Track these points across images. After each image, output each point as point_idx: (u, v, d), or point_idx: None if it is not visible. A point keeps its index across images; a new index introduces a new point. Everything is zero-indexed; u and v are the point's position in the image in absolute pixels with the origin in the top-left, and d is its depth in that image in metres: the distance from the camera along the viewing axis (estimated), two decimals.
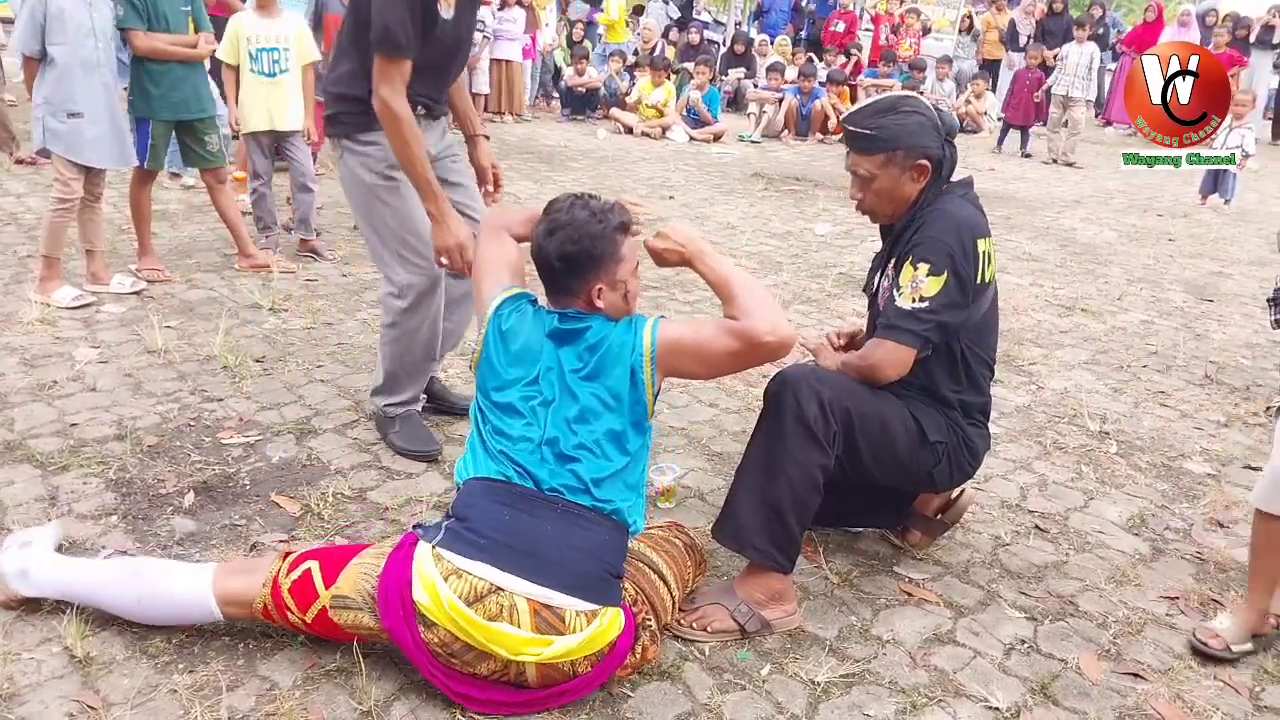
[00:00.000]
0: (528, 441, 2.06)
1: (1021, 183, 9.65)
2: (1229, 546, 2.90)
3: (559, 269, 2.12)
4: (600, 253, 2.10)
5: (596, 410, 2.08)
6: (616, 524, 2.05)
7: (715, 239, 6.30)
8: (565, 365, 2.11)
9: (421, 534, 2.00)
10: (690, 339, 2.13)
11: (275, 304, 4.35)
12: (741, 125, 11.83)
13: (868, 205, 2.43)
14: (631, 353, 2.09)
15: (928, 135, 2.32)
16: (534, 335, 2.14)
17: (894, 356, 2.29)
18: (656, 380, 2.11)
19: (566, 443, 2.05)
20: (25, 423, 3.08)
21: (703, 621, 2.28)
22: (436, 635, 1.90)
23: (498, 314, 2.19)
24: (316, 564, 2.03)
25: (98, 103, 4.08)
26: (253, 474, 2.89)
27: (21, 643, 2.08)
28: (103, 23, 4.09)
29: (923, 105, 2.37)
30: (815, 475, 2.24)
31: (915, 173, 2.34)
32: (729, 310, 2.15)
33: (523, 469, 2.04)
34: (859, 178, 2.39)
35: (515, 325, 2.16)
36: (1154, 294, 5.83)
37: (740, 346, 2.09)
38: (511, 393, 2.11)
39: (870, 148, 2.33)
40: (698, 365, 2.16)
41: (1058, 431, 3.67)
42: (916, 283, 2.27)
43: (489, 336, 2.18)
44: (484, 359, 2.18)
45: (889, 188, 2.36)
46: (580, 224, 2.09)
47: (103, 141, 4.13)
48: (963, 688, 2.18)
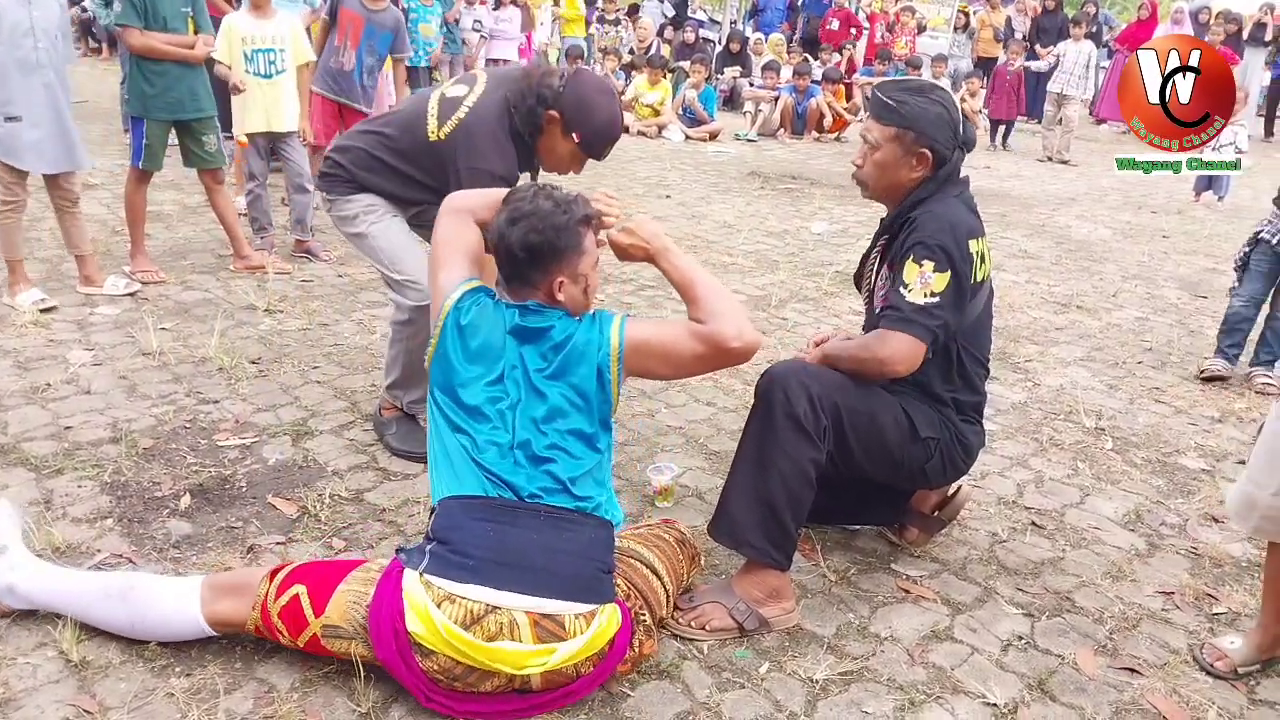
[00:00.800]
0: (497, 447, 2.02)
1: (1016, 180, 9.66)
2: (1224, 541, 2.91)
3: (521, 259, 2.08)
4: (564, 244, 2.08)
5: (565, 410, 2.05)
6: (600, 520, 2.04)
7: (712, 238, 6.31)
8: (529, 364, 2.07)
9: (405, 560, 1.94)
10: (657, 340, 2.12)
11: (271, 305, 4.35)
12: (738, 124, 11.84)
13: (863, 174, 2.44)
14: (598, 351, 2.07)
15: (942, 130, 2.33)
16: (495, 332, 2.09)
17: (908, 349, 2.26)
18: (622, 379, 2.10)
19: (538, 444, 2.02)
20: (19, 426, 3.07)
21: (701, 620, 2.28)
22: (436, 663, 1.88)
23: (456, 308, 2.12)
24: (304, 589, 1.98)
25: (38, 105, 3.92)
26: (249, 476, 2.89)
27: (17, 647, 2.08)
28: (45, 22, 3.91)
29: (951, 103, 2.38)
30: (807, 469, 2.24)
31: (916, 159, 2.34)
32: (694, 312, 2.13)
33: (498, 478, 1.99)
34: (867, 143, 2.40)
35: (475, 320, 2.10)
36: (1149, 291, 5.84)
37: (706, 351, 2.09)
38: (476, 393, 2.06)
39: (887, 117, 2.35)
40: (663, 366, 2.16)
41: (1054, 428, 3.67)
42: (925, 278, 2.26)
43: (446, 331, 2.11)
44: (439, 354, 2.12)
45: (888, 162, 2.36)
46: (544, 214, 2.06)
47: (45, 145, 3.99)
48: (960, 684, 2.19)
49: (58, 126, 4.03)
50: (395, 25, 5.65)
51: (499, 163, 2.71)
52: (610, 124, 2.77)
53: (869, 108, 2.44)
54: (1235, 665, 2.29)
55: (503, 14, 10.81)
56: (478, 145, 2.73)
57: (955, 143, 2.35)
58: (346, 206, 2.99)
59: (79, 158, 4.17)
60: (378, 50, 5.61)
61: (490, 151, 2.72)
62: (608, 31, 13.68)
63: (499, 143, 2.74)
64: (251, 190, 5.13)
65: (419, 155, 2.86)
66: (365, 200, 2.97)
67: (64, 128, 4.06)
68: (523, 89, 2.73)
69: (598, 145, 2.79)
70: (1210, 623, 2.50)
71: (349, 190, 2.98)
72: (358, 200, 2.97)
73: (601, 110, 2.74)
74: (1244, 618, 2.53)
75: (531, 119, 2.73)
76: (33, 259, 4.68)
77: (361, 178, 2.95)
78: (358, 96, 5.65)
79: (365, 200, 2.97)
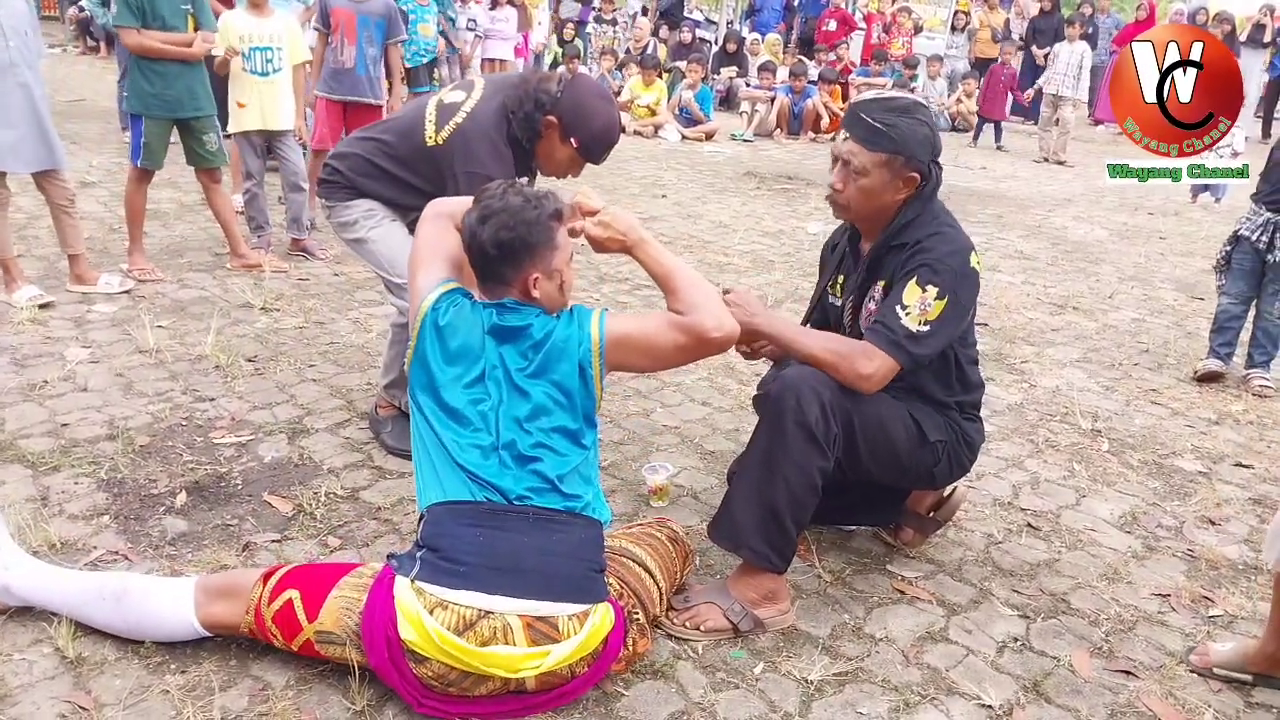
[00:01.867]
0: (480, 449, 2.01)
1: (1013, 181, 9.67)
2: (1220, 544, 2.91)
3: (494, 256, 2.07)
4: (536, 240, 2.07)
5: (548, 407, 2.05)
6: (588, 520, 2.04)
7: (708, 238, 6.31)
8: (510, 364, 2.06)
9: (396, 567, 1.94)
10: (638, 334, 2.12)
11: (267, 303, 4.34)
12: (734, 124, 11.84)
13: (845, 198, 2.36)
14: (579, 347, 2.07)
15: (927, 150, 2.31)
16: (473, 332, 2.08)
17: (886, 373, 2.25)
18: (604, 374, 2.10)
19: (523, 443, 2.02)
20: (16, 423, 3.07)
21: (696, 620, 2.28)
22: (430, 669, 1.88)
23: (434, 309, 2.11)
24: (298, 594, 1.97)
25: (13, 105, 3.87)
26: (245, 474, 2.88)
27: (13, 644, 2.07)
28: (13, 20, 3.85)
29: (932, 119, 2.36)
30: (814, 478, 2.24)
31: (904, 183, 2.31)
32: (673, 304, 2.15)
33: (484, 481, 1.98)
34: (848, 167, 2.33)
35: (453, 320, 2.09)
36: (1145, 292, 5.85)
37: (688, 342, 2.10)
38: (457, 395, 2.05)
39: (877, 143, 2.28)
40: (644, 359, 2.18)
41: (1050, 429, 3.68)
42: (925, 305, 2.24)
43: (424, 332, 2.10)
44: (419, 356, 2.10)
45: (876, 189, 2.32)
46: (515, 210, 2.05)
47: (22, 145, 3.93)
48: (955, 685, 2.19)
49: (35, 126, 3.97)
50: (385, 11, 5.64)
51: (496, 167, 2.70)
52: (608, 129, 2.77)
53: (849, 127, 2.34)
54: (1212, 664, 2.28)
55: (499, 14, 10.80)
56: (474, 151, 2.72)
57: (934, 159, 2.33)
58: (346, 213, 2.99)
59: (58, 157, 4.11)
60: (375, 39, 5.60)
61: (487, 157, 2.72)
62: (605, 31, 13.68)
63: (496, 148, 2.74)
64: (248, 189, 5.12)
65: (417, 161, 2.87)
66: (364, 206, 2.97)
67: (42, 127, 3.99)
68: (520, 95, 2.73)
69: (596, 150, 2.79)
70: (1207, 625, 2.50)
71: (348, 196, 2.98)
72: (357, 206, 2.98)
73: (599, 115, 2.74)
74: (1240, 620, 2.53)
75: (529, 124, 2.73)
76: (30, 256, 4.68)
77: (360, 184, 2.95)
78: (365, 90, 5.64)
79: (364, 206, 2.97)
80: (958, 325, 2.31)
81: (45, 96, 4.07)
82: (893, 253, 2.36)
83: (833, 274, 2.61)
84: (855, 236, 2.54)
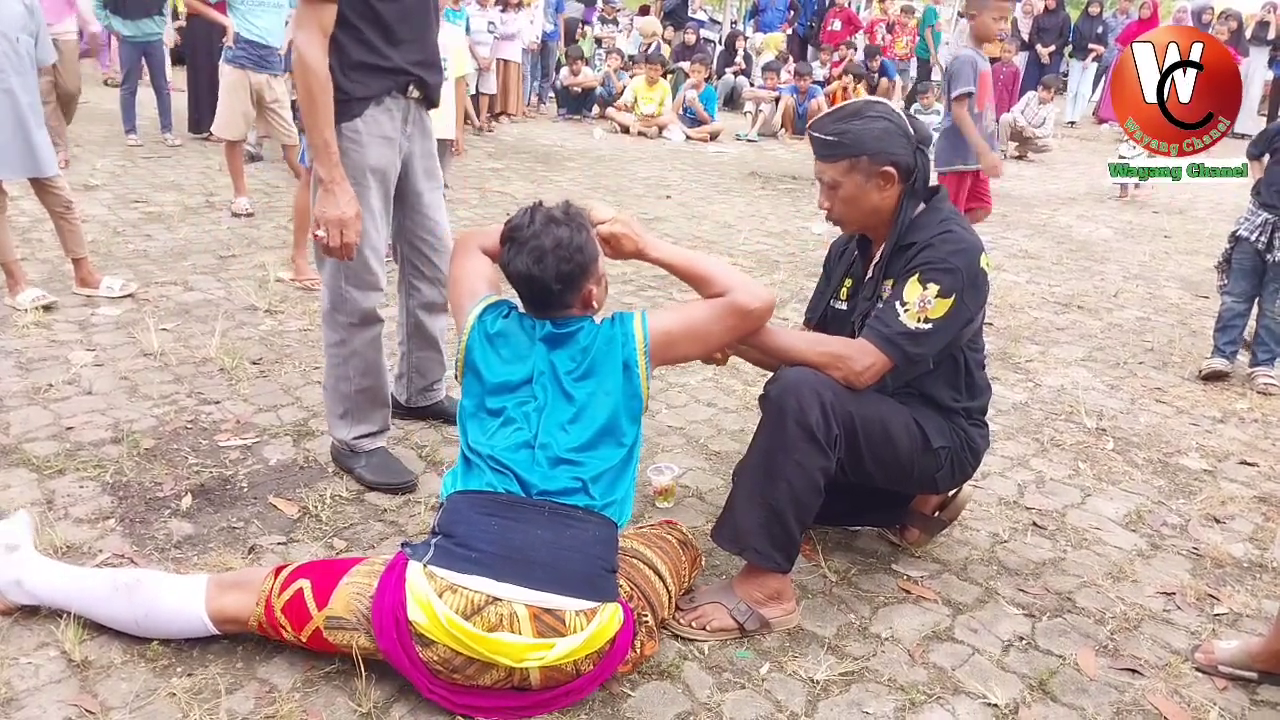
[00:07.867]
0: (514, 442, 2.05)
1: (1017, 180, 9.65)
2: (1225, 542, 2.91)
3: (559, 290, 2.10)
4: (588, 258, 2.12)
5: (593, 409, 2.08)
6: (604, 519, 2.05)
7: (712, 238, 6.31)
8: (559, 368, 2.11)
9: (410, 553, 1.97)
10: (681, 326, 2.18)
11: (271, 306, 4.35)
12: (738, 124, 11.85)
13: (836, 213, 2.39)
14: (623, 347, 2.11)
15: (894, 142, 2.28)
16: (523, 340, 2.14)
17: (879, 370, 2.25)
18: (650, 372, 2.14)
19: (560, 445, 2.04)
20: (21, 426, 3.08)
21: (702, 620, 2.28)
22: (436, 653, 1.89)
23: (481, 320, 2.17)
24: (308, 583, 2.00)
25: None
26: (250, 476, 2.89)
27: (19, 647, 2.08)
28: (4, 24, 3.82)
29: (890, 111, 2.32)
30: (816, 478, 2.23)
31: (881, 180, 2.29)
32: (708, 290, 2.22)
33: (512, 473, 2.02)
34: (825, 185, 2.35)
35: (503, 329, 2.15)
36: (1150, 290, 5.84)
37: (736, 321, 2.21)
38: (505, 398, 2.10)
39: (834, 153, 2.29)
40: (694, 347, 2.25)
41: (1055, 428, 3.67)
42: (925, 302, 2.23)
43: (473, 342, 2.15)
44: (469, 365, 2.16)
45: (854, 195, 2.32)
46: (565, 241, 2.08)
47: (5, 152, 3.91)
48: (961, 685, 2.19)
49: (18, 132, 3.93)
50: None
51: None
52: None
53: (813, 149, 2.36)
54: (1217, 662, 2.27)
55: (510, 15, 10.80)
56: None
57: (912, 146, 2.31)
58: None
59: (42, 164, 4.04)
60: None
61: None
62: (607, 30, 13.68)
63: None
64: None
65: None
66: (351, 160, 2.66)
67: (25, 133, 3.95)
68: None
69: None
70: (1212, 623, 2.49)
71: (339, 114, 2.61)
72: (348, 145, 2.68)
73: None
74: (1245, 618, 2.52)
75: None
76: (34, 259, 4.69)
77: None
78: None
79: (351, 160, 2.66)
80: (961, 326, 2.30)
81: (36, 104, 4.01)
82: (901, 253, 2.35)
83: (840, 279, 2.60)
84: (865, 241, 2.53)
